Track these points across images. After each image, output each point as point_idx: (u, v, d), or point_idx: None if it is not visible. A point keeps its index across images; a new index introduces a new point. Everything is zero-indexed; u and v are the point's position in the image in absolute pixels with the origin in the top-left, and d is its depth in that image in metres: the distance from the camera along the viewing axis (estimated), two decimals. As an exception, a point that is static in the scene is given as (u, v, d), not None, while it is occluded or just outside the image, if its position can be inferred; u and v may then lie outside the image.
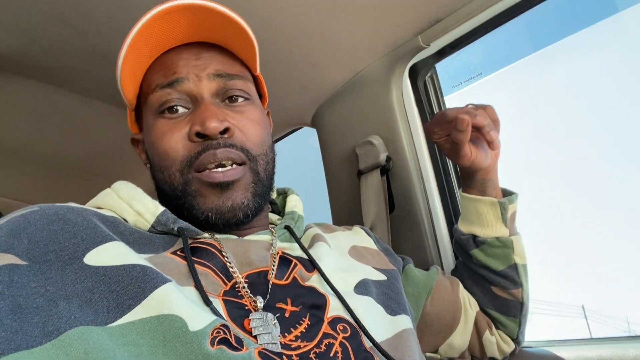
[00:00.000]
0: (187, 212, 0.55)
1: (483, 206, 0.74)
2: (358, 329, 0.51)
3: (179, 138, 0.55)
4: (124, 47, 0.54)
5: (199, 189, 0.54)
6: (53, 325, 0.38)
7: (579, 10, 28.28)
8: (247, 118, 0.58)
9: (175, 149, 0.54)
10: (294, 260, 0.56)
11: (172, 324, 0.40)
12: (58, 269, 0.42)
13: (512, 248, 0.73)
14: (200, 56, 0.58)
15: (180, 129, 0.55)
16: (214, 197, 0.54)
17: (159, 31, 0.55)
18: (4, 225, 0.44)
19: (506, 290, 0.75)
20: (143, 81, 0.60)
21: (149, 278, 0.42)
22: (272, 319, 0.46)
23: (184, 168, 0.54)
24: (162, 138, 0.55)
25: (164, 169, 0.55)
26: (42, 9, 0.81)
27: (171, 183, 0.55)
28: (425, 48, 0.89)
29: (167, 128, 0.55)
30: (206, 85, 0.56)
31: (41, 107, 1.15)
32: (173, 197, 0.56)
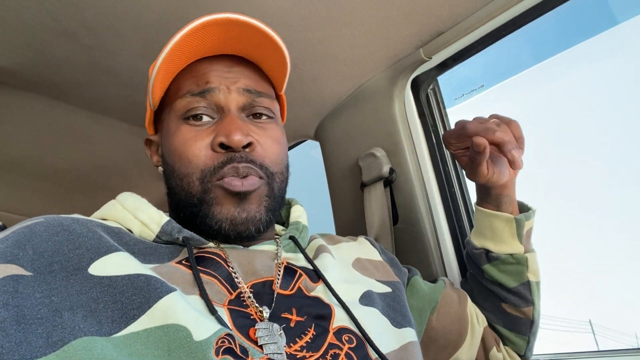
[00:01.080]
0: (200, 220, 0.55)
1: (498, 222, 0.71)
2: (364, 340, 0.50)
3: (202, 146, 0.55)
4: (161, 57, 0.55)
5: (218, 197, 0.54)
6: (57, 336, 0.38)
7: (580, 22, 28.61)
8: (269, 135, 0.59)
9: (197, 156, 0.55)
10: (299, 271, 0.56)
11: (177, 333, 0.40)
12: (63, 280, 0.42)
13: (526, 265, 0.71)
14: (232, 69, 0.60)
15: (204, 138, 0.56)
16: (230, 207, 0.54)
17: (196, 40, 0.57)
18: (9, 237, 0.44)
19: (517, 308, 0.72)
20: (171, 85, 0.61)
21: (153, 288, 0.42)
22: (279, 329, 0.46)
23: (204, 177, 0.55)
24: (185, 144, 0.56)
25: (184, 176, 0.56)
26: (49, 25, 0.82)
27: (189, 191, 0.55)
28: (427, 61, 0.90)
29: (190, 135, 0.56)
30: (235, 98, 0.58)
31: (46, 121, 1.16)
32: (188, 204, 0.56)
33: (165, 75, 0.59)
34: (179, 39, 0.54)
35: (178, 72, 0.60)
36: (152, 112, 0.65)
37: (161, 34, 0.86)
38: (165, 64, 0.56)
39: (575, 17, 0.87)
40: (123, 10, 0.80)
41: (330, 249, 0.65)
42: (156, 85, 0.59)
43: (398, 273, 0.70)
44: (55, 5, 0.78)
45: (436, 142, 0.98)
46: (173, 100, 0.59)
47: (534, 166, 11.91)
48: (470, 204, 0.95)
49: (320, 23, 0.84)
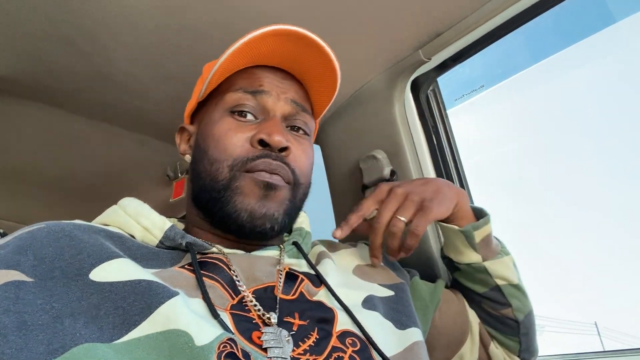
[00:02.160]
0: (220, 207, 0.56)
1: (449, 233, 0.71)
2: (367, 343, 0.50)
3: (242, 138, 0.58)
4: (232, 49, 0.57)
5: (244, 185, 0.56)
6: (58, 342, 0.37)
7: (578, 21, 28.62)
8: (303, 149, 0.62)
9: (235, 146, 0.57)
10: (301, 276, 0.56)
11: (178, 339, 0.39)
12: (64, 286, 0.42)
13: (487, 273, 0.70)
14: (284, 81, 0.64)
15: (245, 132, 0.58)
16: (253, 199, 0.56)
17: (262, 47, 0.60)
18: (11, 242, 0.45)
19: (496, 310, 0.72)
20: (223, 81, 0.64)
21: (154, 293, 0.42)
22: (287, 335, 0.46)
23: (235, 165, 0.56)
24: (227, 133, 0.58)
25: (215, 161, 0.57)
26: (47, 32, 0.82)
27: (216, 176, 0.57)
28: (426, 62, 0.90)
29: (233, 126, 0.59)
30: (282, 106, 0.61)
31: (46, 129, 1.16)
32: (212, 189, 0.57)
33: (224, 71, 0.61)
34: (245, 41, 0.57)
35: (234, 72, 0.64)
36: (197, 103, 0.67)
37: (160, 41, 0.86)
38: (226, 62, 0.59)
39: (573, 16, 0.87)
40: (122, 17, 0.80)
41: (331, 256, 0.65)
42: (213, 79, 0.61)
43: (400, 275, 0.70)
44: (54, 12, 0.78)
45: (437, 143, 0.98)
46: (223, 94, 0.62)
47: (534, 167, 11.78)
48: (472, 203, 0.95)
49: (318, 26, 0.84)
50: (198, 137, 0.63)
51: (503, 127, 29.88)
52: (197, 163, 0.61)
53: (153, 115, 1.13)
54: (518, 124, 32.84)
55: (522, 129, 31.35)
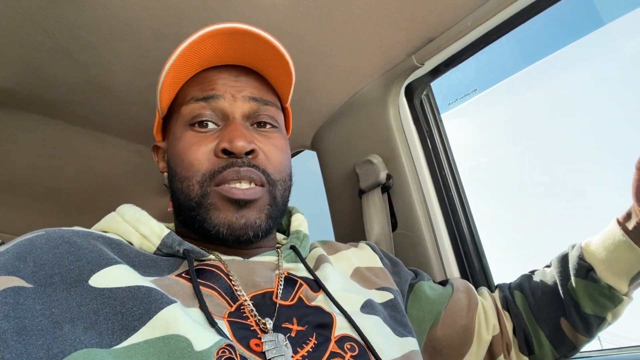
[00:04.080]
0: (199, 225, 0.55)
1: (628, 254, 0.63)
2: (366, 348, 0.50)
3: (205, 151, 0.56)
4: (172, 58, 0.56)
5: (216, 202, 0.54)
6: (58, 348, 0.38)
7: (567, 24, 28.60)
8: (272, 144, 0.60)
9: (200, 160, 0.56)
10: (299, 281, 0.56)
11: (177, 344, 0.40)
12: (63, 292, 0.42)
13: (615, 305, 0.65)
14: (239, 78, 0.61)
15: (207, 143, 0.57)
16: (229, 213, 0.54)
17: (203, 49, 0.58)
18: (10, 249, 0.45)
19: (574, 331, 0.68)
20: (179, 92, 0.62)
21: (153, 299, 0.43)
22: (284, 339, 0.46)
23: (204, 180, 0.55)
24: (189, 149, 0.57)
25: (184, 179, 0.56)
26: (45, 44, 0.83)
27: (188, 194, 0.56)
28: (419, 67, 0.91)
29: (195, 140, 0.57)
30: (240, 106, 0.59)
31: (44, 140, 1.16)
32: (187, 207, 0.56)
33: (173, 83, 0.60)
34: (186, 46, 0.55)
35: (186, 81, 0.62)
36: (161, 119, 0.66)
37: (157, 49, 0.87)
38: (172, 72, 0.58)
39: (563, 19, 0.88)
40: (119, 28, 0.81)
41: (330, 259, 0.65)
42: (163, 93, 0.60)
43: (398, 281, 0.69)
44: (52, 23, 0.78)
45: (432, 146, 0.99)
46: (180, 107, 0.60)
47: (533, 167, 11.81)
48: (468, 206, 0.96)
49: (313, 33, 0.86)
50: (168, 155, 0.62)
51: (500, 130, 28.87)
52: (171, 182, 0.60)
53: (150, 124, 1.13)
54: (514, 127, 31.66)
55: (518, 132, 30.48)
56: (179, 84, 0.61)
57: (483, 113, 0.72)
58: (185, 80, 0.62)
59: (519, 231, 3.59)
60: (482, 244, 0.93)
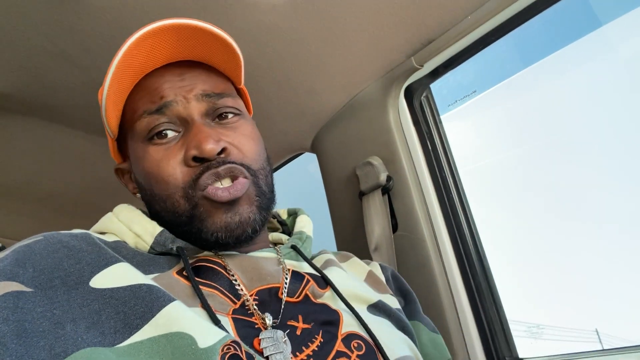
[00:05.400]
0: (195, 237, 0.53)
1: None
2: (374, 346, 0.49)
3: (175, 164, 0.52)
4: (108, 76, 0.52)
5: (208, 209, 0.52)
6: (60, 347, 0.37)
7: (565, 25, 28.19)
8: (241, 134, 0.56)
9: (173, 176, 0.52)
10: (307, 276, 0.55)
11: (181, 341, 0.39)
12: (64, 294, 0.42)
13: None
14: (184, 76, 0.56)
15: (175, 155, 0.53)
16: (222, 215, 0.51)
17: (141, 55, 0.53)
18: (9, 255, 0.44)
19: None
20: (125, 108, 0.57)
21: (156, 297, 0.42)
22: (282, 336, 0.46)
23: (187, 193, 0.52)
24: (158, 166, 0.53)
25: (167, 198, 0.53)
26: (45, 48, 0.83)
27: (175, 211, 0.53)
28: (419, 69, 0.92)
29: (160, 155, 0.53)
30: (195, 106, 0.54)
31: (43, 144, 1.16)
32: (178, 223, 0.53)
33: (117, 99, 0.55)
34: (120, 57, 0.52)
35: (130, 93, 0.57)
36: (114, 140, 0.62)
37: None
38: (114, 84, 0.53)
39: (561, 20, 0.89)
40: (118, 31, 0.81)
41: (341, 265, 0.64)
42: (109, 111, 0.55)
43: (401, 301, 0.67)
44: (52, 27, 0.78)
45: (432, 148, 0.99)
46: (132, 123, 0.56)
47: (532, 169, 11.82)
48: (469, 207, 0.96)
49: (312, 35, 0.86)
50: (136, 175, 0.58)
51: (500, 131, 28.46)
52: (150, 204, 0.56)
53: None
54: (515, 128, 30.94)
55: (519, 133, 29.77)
56: (123, 97, 0.57)
57: (483, 114, 0.72)
58: (127, 94, 0.57)
59: (521, 232, 3.60)
60: (483, 245, 0.93)
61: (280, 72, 0.95)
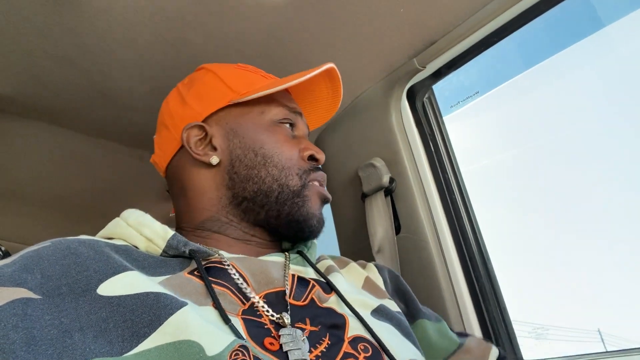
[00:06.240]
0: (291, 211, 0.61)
1: None
2: (379, 349, 0.50)
3: (294, 151, 0.64)
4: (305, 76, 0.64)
5: (312, 195, 0.63)
6: (68, 357, 0.38)
7: (568, 26, 28.71)
8: None
9: (293, 157, 0.63)
10: (312, 282, 0.57)
11: (189, 349, 0.39)
12: (72, 301, 0.42)
13: None
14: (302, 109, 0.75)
15: (294, 145, 0.65)
16: (317, 207, 0.63)
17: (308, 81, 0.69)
18: (17, 261, 0.45)
19: None
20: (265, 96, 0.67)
21: (163, 305, 0.42)
22: (302, 335, 0.47)
23: (302, 174, 0.63)
24: (282, 143, 0.64)
25: (284, 169, 0.62)
26: (46, 51, 0.83)
27: (286, 183, 0.61)
28: (421, 70, 0.92)
29: (285, 137, 0.65)
30: (303, 128, 0.71)
31: (46, 148, 1.17)
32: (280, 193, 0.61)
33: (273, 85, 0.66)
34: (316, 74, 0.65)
35: None
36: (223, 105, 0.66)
37: (158, 55, 0.87)
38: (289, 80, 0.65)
39: (564, 21, 0.88)
40: (120, 34, 0.81)
41: (340, 272, 0.66)
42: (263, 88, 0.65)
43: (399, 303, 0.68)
44: (53, 30, 0.79)
45: (434, 149, 0.99)
46: (267, 105, 0.67)
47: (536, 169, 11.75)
48: (472, 209, 0.96)
49: (314, 37, 0.86)
50: (239, 140, 0.64)
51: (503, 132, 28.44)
52: (252, 167, 0.62)
53: (152, 130, 1.13)
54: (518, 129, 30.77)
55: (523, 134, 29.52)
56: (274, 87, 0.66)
57: (486, 115, 0.72)
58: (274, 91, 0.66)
59: (525, 234, 3.59)
60: (486, 246, 0.93)
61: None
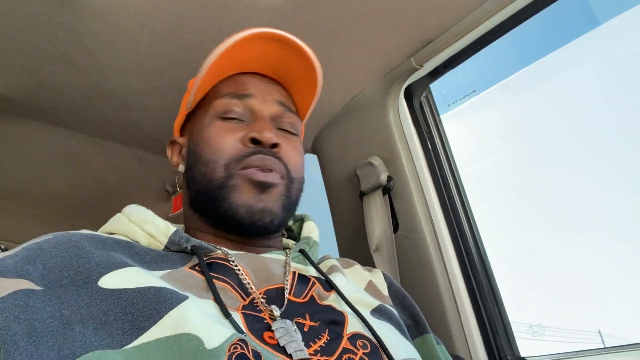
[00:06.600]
0: (218, 205, 0.57)
1: None
2: (378, 346, 0.51)
3: (233, 138, 0.59)
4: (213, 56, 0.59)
5: (239, 184, 0.57)
6: (68, 349, 0.38)
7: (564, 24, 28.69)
8: (292, 145, 0.64)
9: (227, 146, 0.59)
10: (312, 279, 0.57)
11: (188, 342, 0.40)
12: (73, 293, 0.42)
13: None
14: (268, 85, 0.66)
15: (235, 133, 0.60)
16: (249, 196, 0.57)
17: (244, 53, 0.62)
18: (20, 253, 0.45)
19: None
20: (210, 91, 0.66)
21: (163, 299, 0.43)
22: (292, 324, 0.47)
23: (230, 163, 0.58)
24: (217, 135, 0.60)
25: (209, 162, 0.58)
26: (46, 50, 0.84)
27: (212, 176, 0.58)
28: (418, 69, 0.92)
29: (224, 128, 0.60)
30: (269, 107, 0.63)
31: (45, 147, 1.17)
32: (208, 189, 0.58)
33: (210, 79, 0.63)
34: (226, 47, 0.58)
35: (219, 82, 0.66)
36: (186, 114, 0.68)
37: (157, 55, 0.87)
38: (212, 69, 0.61)
39: (559, 19, 0.89)
40: (119, 33, 0.81)
41: (343, 271, 0.66)
42: (200, 88, 0.63)
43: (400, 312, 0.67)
44: (52, 30, 0.79)
45: (432, 148, 0.99)
46: (210, 101, 0.64)
47: (534, 168, 11.73)
48: (469, 207, 0.96)
49: (312, 36, 0.86)
50: (190, 145, 0.64)
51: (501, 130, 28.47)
52: (191, 169, 0.62)
53: (151, 130, 1.14)
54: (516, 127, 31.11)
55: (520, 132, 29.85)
56: (213, 82, 0.65)
57: (483, 113, 0.73)
58: (219, 80, 0.65)
59: (524, 234, 3.60)
60: (483, 244, 0.94)
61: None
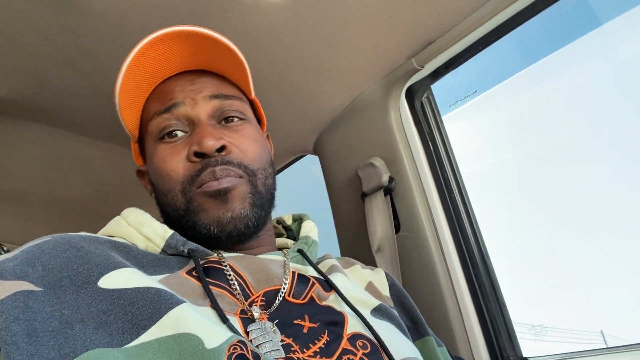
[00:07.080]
0: (191, 230, 0.55)
1: None
2: (378, 346, 0.51)
3: (179, 160, 0.56)
4: (120, 75, 0.56)
5: (201, 203, 0.55)
6: (69, 347, 0.38)
7: (565, 25, 28.54)
8: (243, 136, 0.60)
9: (176, 170, 0.56)
10: (312, 279, 0.57)
11: (188, 342, 0.40)
12: (73, 293, 0.43)
13: None
14: (195, 81, 0.61)
15: (180, 152, 0.57)
16: (214, 209, 0.55)
17: (154, 60, 0.58)
18: (19, 255, 0.45)
19: None
20: (143, 111, 0.62)
21: (163, 299, 0.43)
22: (271, 326, 0.47)
23: (185, 187, 0.55)
24: (164, 162, 0.57)
25: (167, 192, 0.57)
26: (48, 53, 0.84)
27: (174, 204, 0.56)
28: (419, 70, 0.92)
29: (167, 152, 0.57)
30: (202, 107, 0.59)
31: (47, 149, 1.17)
32: (177, 217, 0.57)
33: (133, 101, 0.60)
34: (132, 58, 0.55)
35: (147, 98, 0.62)
36: (136, 143, 0.66)
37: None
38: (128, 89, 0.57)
39: (561, 20, 0.89)
40: (121, 35, 0.81)
41: (344, 271, 0.65)
42: (126, 113, 0.60)
43: (400, 313, 0.67)
44: (55, 32, 0.79)
45: (433, 148, 0.99)
46: (146, 125, 0.61)
47: (536, 168, 11.73)
48: (471, 207, 0.96)
49: (313, 38, 0.86)
50: (149, 174, 0.62)
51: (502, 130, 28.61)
52: (157, 198, 0.61)
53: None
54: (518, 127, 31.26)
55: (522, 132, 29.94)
56: (140, 103, 0.61)
57: (484, 114, 0.72)
58: (145, 98, 0.62)
59: (525, 234, 3.61)
60: (485, 244, 0.93)
61: (281, 75, 0.96)
